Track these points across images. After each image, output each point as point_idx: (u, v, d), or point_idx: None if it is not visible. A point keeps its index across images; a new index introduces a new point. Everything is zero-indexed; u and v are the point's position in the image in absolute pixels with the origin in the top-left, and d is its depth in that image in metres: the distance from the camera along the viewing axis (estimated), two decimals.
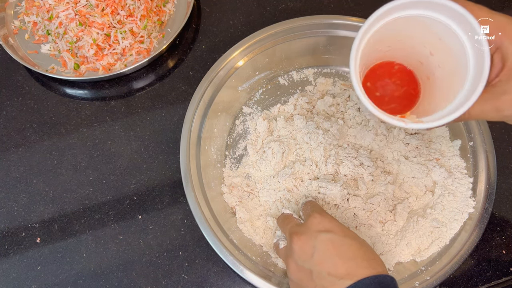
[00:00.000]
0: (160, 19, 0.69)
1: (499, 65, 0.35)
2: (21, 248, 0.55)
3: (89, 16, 0.63)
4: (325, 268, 0.38)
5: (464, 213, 0.51)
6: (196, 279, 0.53)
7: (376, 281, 0.36)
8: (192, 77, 0.65)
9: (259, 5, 0.71)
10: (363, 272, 0.37)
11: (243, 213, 0.54)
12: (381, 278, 0.37)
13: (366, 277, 0.36)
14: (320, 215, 0.43)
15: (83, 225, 0.56)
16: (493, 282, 0.52)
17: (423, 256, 0.51)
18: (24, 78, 0.67)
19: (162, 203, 0.57)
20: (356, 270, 0.37)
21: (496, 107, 0.34)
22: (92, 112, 0.63)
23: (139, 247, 0.54)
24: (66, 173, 0.59)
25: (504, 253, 0.53)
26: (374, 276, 0.36)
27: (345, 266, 0.38)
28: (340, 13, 0.70)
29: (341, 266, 0.38)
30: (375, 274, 0.37)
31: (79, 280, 0.53)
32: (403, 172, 0.55)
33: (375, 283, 0.36)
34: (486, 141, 0.54)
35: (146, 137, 0.61)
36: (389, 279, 0.37)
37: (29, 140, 0.62)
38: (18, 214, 0.57)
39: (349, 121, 0.58)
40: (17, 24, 0.69)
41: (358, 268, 0.37)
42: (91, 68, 0.65)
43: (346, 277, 0.37)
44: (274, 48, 0.62)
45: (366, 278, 0.36)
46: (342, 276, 0.37)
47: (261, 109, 0.62)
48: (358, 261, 0.38)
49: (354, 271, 0.37)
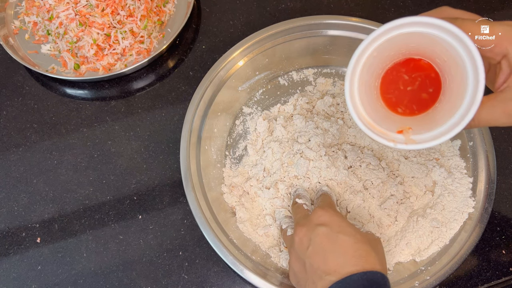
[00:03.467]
0: (160, 19, 0.69)
1: (507, 71, 0.35)
2: (22, 248, 0.55)
3: (89, 16, 0.63)
4: (316, 262, 0.39)
5: (464, 213, 0.51)
6: (196, 279, 0.53)
7: (365, 277, 0.36)
8: (192, 77, 0.65)
9: (259, 5, 0.71)
10: (351, 269, 0.37)
11: (243, 213, 0.54)
12: (370, 274, 0.36)
13: (353, 274, 0.36)
14: (322, 210, 0.43)
15: (83, 225, 0.56)
16: (492, 282, 0.52)
17: (423, 256, 0.51)
18: (24, 78, 0.67)
19: (162, 203, 0.57)
20: (343, 267, 0.37)
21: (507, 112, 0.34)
22: (92, 112, 0.63)
23: (139, 247, 0.54)
24: (66, 173, 0.59)
25: (504, 253, 0.53)
26: (362, 273, 0.36)
27: (335, 262, 0.38)
28: (340, 13, 0.70)
29: (330, 262, 0.38)
30: (363, 271, 0.36)
31: (79, 280, 0.53)
32: (403, 172, 0.55)
33: (364, 279, 0.36)
34: (486, 141, 0.54)
35: (146, 137, 0.61)
36: (379, 276, 0.37)
37: (30, 140, 0.62)
38: (18, 214, 0.57)
39: (348, 121, 0.59)
40: (17, 24, 0.69)
41: (346, 265, 0.37)
42: (91, 68, 0.65)
43: (333, 273, 0.37)
44: (274, 48, 0.62)
45: (354, 274, 0.36)
46: (329, 272, 0.37)
47: (261, 109, 0.62)
48: (347, 257, 0.38)
49: (341, 267, 0.37)
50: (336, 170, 0.53)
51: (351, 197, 0.53)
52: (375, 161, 0.55)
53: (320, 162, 0.54)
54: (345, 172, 0.53)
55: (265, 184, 0.55)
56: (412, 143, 0.36)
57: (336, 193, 0.54)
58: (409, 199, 0.54)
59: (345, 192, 0.54)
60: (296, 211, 0.49)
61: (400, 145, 0.36)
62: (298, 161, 0.54)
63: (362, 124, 0.37)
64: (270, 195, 0.54)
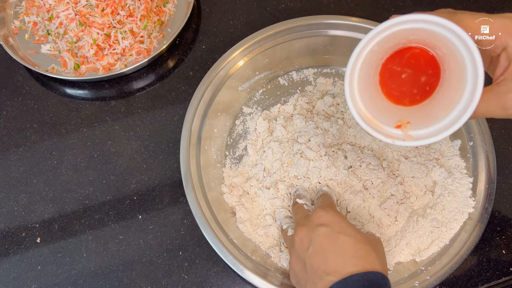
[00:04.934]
0: (160, 19, 0.69)
1: (505, 64, 0.35)
2: (21, 248, 0.55)
3: (89, 16, 0.63)
4: (316, 263, 0.39)
5: (464, 213, 0.51)
6: (196, 279, 0.53)
7: (365, 278, 0.36)
8: (192, 77, 0.65)
9: (259, 5, 0.71)
10: (351, 270, 0.37)
11: (243, 213, 0.54)
12: (371, 275, 0.36)
13: (354, 274, 0.36)
14: (322, 210, 0.43)
15: (83, 225, 0.56)
16: (493, 282, 0.52)
17: (423, 256, 0.50)
18: (24, 78, 0.67)
19: (162, 203, 0.57)
20: (343, 267, 0.37)
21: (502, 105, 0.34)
22: (92, 112, 0.63)
23: (139, 247, 0.54)
24: (66, 173, 0.59)
25: (504, 253, 0.53)
26: (363, 273, 0.36)
27: (335, 263, 0.38)
28: (340, 13, 0.70)
29: (331, 262, 0.38)
30: (363, 271, 0.36)
31: (79, 280, 0.53)
32: (403, 172, 0.55)
33: (364, 280, 0.36)
34: (486, 141, 0.54)
35: (146, 137, 0.61)
36: (379, 276, 0.36)
37: (29, 140, 0.62)
38: (18, 214, 0.57)
39: (349, 121, 0.59)
40: (17, 24, 0.69)
41: (346, 265, 0.37)
42: (91, 68, 0.65)
43: (333, 274, 0.37)
44: (274, 48, 0.62)
45: (355, 275, 0.36)
46: (329, 272, 0.37)
47: (261, 109, 0.62)
48: (348, 258, 0.38)
49: (341, 268, 0.37)
50: (336, 170, 0.53)
51: (351, 197, 0.53)
52: (375, 161, 0.55)
53: (320, 162, 0.54)
54: (345, 172, 0.53)
55: (265, 184, 0.55)
56: (410, 139, 0.36)
57: (336, 193, 0.54)
58: (409, 199, 0.54)
59: (345, 192, 0.54)
60: (297, 211, 0.49)
61: (398, 141, 0.36)
62: (298, 161, 0.54)
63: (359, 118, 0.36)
64: (270, 195, 0.54)
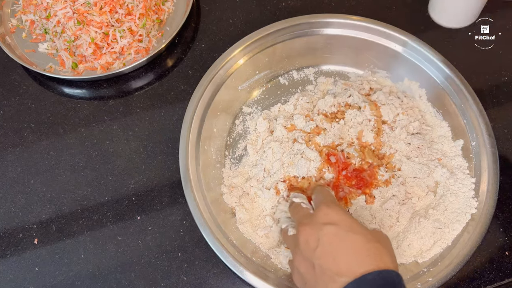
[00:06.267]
0: (159, 17, 0.68)
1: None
2: (19, 249, 0.55)
3: (87, 15, 0.62)
4: (327, 263, 0.37)
5: (466, 214, 0.51)
6: (195, 280, 0.52)
7: (380, 276, 0.35)
8: (191, 76, 0.65)
9: (259, 4, 0.71)
10: (365, 269, 0.35)
11: (242, 214, 0.54)
12: (385, 273, 0.35)
13: (368, 273, 0.35)
14: (327, 207, 0.41)
15: (81, 226, 0.55)
16: (495, 283, 0.51)
17: (425, 257, 0.50)
18: (22, 77, 0.66)
19: (161, 203, 0.56)
20: (357, 267, 0.36)
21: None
22: (90, 112, 0.63)
23: (137, 248, 0.54)
24: (64, 173, 0.59)
25: (507, 254, 0.53)
26: (377, 272, 0.35)
27: (346, 263, 0.37)
28: (341, 11, 0.70)
29: (342, 262, 0.37)
30: (378, 270, 0.35)
31: (77, 281, 0.52)
32: (405, 172, 0.54)
33: (379, 278, 0.35)
34: (488, 141, 0.54)
35: (145, 137, 0.61)
36: (394, 275, 0.36)
37: (27, 140, 0.61)
38: (15, 215, 0.56)
39: (349, 121, 0.58)
40: (14, 23, 0.69)
41: (359, 264, 0.36)
42: (89, 67, 0.64)
43: (346, 274, 0.36)
44: (274, 47, 0.62)
45: (369, 274, 0.35)
46: (341, 273, 0.36)
47: (261, 109, 0.62)
48: (360, 257, 0.37)
49: (354, 268, 0.36)
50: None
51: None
52: (376, 161, 0.54)
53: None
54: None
55: (265, 184, 0.55)
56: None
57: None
58: (411, 200, 0.54)
59: None
60: (295, 211, 0.47)
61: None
62: (299, 162, 0.53)
63: None
64: (270, 196, 0.54)
